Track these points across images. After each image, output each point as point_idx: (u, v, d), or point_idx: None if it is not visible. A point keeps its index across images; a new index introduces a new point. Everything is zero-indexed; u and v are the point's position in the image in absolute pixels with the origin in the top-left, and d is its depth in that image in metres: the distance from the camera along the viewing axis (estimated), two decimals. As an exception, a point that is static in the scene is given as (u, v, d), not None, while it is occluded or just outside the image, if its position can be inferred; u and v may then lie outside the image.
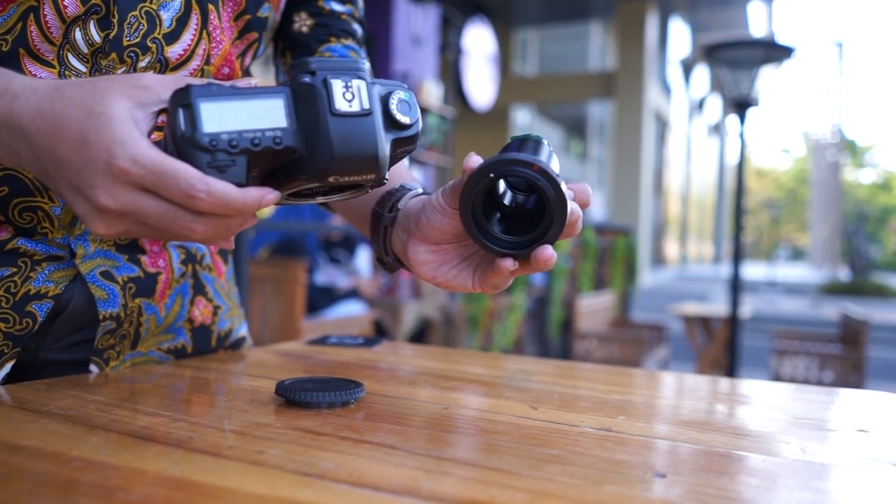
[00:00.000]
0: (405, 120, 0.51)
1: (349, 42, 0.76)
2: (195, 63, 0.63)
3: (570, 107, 19.66)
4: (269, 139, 0.46)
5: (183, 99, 0.45)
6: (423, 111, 6.81)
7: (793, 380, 4.12)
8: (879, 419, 0.56)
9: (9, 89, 0.46)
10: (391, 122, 0.50)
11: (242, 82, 0.48)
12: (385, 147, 0.49)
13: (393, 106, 0.51)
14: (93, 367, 0.64)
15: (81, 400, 0.52)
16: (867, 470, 0.43)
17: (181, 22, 0.61)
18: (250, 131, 0.46)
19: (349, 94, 0.48)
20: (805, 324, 9.75)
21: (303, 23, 0.75)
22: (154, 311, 0.67)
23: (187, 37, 0.62)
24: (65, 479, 0.37)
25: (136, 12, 0.58)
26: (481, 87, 9.07)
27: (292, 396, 0.53)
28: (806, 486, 0.40)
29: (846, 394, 0.67)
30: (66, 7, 0.56)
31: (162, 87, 0.46)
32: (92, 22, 0.57)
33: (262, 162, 0.47)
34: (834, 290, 17.04)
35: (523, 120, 17.68)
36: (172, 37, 0.61)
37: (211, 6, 0.63)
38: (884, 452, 0.47)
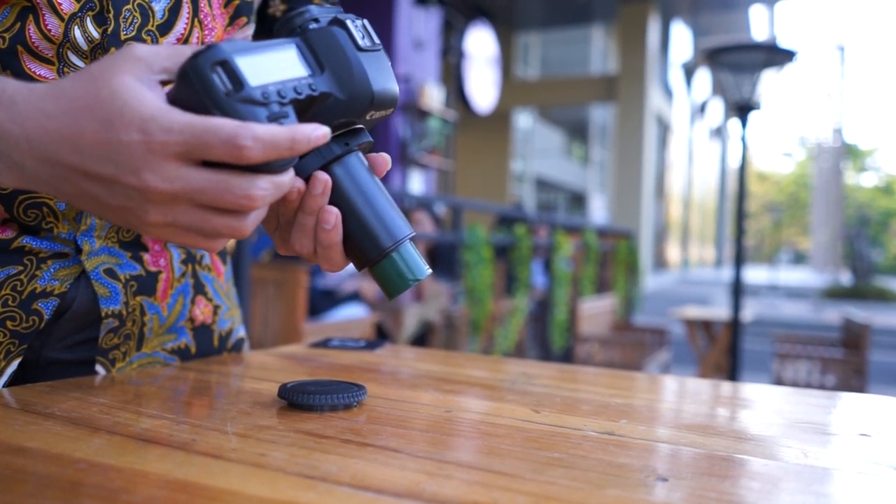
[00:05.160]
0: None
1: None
2: None
3: (572, 110, 19.67)
4: (306, 86, 0.45)
5: (215, 57, 0.41)
6: (426, 114, 6.84)
7: (794, 384, 4.11)
8: (882, 423, 0.56)
9: (5, 92, 0.44)
10: None
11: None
12: None
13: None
14: (99, 368, 0.64)
15: (84, 402, 0.53)
16: (869, 474, 0.43)
17: (173, 12, 0.61)
18: (290, 80, 0.44)
19: (359, 33, 0.47)
20: (807, 328, 9.75)
21: (276, 8, 0.75)
22: (157, 310, 0.68)
23: (180, 26, 0.62)
24: (68, 480, 0.37)
25: (130, 5, 0.59)
26: (483, 90, 9.09)
27: (295, 399, 0.53)
28: (808, 490, 0.40)
29: (848, 398, 0.67)
30: (60, 5, 0.56)
31: (154, 55, 0.44)
32: (89, 18, 0.57)
33: (303, 112, 0.45)
34: (836, 293, 17.04)
35: (525, 123, 17.69)
36: (166, 27, 0.61)
37: None
38: (886, 457, 0.47)
